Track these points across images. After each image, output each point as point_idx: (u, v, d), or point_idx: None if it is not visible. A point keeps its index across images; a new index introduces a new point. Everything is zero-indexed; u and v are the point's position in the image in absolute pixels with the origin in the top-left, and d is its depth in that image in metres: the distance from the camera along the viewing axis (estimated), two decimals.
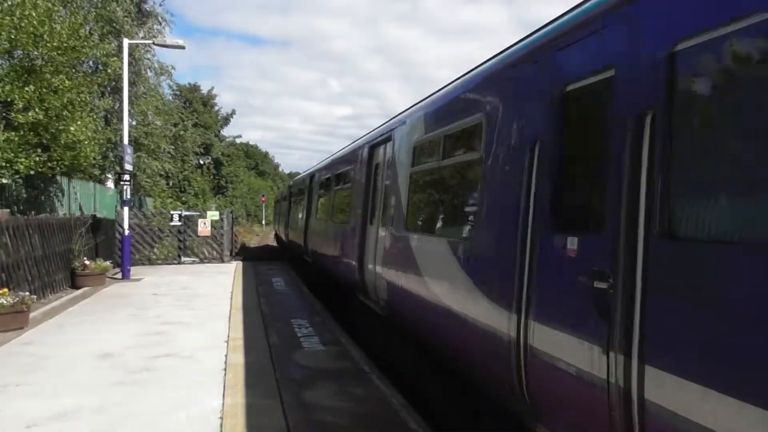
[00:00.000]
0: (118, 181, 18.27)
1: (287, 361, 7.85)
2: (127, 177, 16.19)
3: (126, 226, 16.51)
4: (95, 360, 7.63)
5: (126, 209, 16.62)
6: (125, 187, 16.27)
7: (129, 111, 18.38)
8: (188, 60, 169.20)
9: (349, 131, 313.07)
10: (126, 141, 16.58)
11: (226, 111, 60.11)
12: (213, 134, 56.16)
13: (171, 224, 20.65)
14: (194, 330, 9.64)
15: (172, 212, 21.24)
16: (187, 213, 21.81)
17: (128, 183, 16.26)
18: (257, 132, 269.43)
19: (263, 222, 70.26)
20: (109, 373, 7.03)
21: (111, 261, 17.02)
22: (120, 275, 16.21)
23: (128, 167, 16.26)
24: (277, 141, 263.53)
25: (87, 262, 14.47)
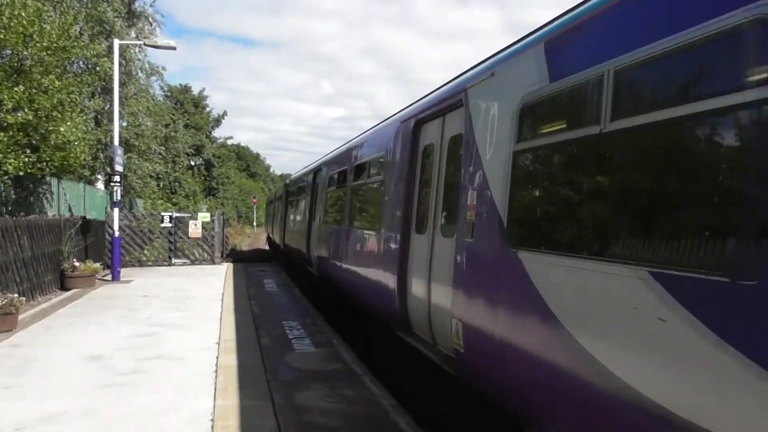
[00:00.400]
0: (109, 182, 18.16)
1: (279, 363, 7.84)
2: (118, 178, 16.14)
3: (116, 228, 16.43)
4: (85, 362, 7.59)
5: (116, 210, 16.54)
6: (116, 188, 16.21)
7: (120, 112, 18.30)
8: (179, 61, 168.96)
9: (341, 132, 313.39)
10: (116, 142, 16.52)
11: (218, 112, 59.97)
12: (204, 135, 55.93)
13: (162, 226, 20.57)
14: (185, 332, 9.61)
15: (163, 214, 21.13)
16: (178, 214, 21.71)
17: (119, 184, 16.20)
18: (248, 133, 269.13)
19: (254, 223, 70.17)
20: (99, 376, 7.00)
21: (101, 262, 16.93)
22: (110, 277, 16.13)
23: (119, 168, 16.20)
24: (269, 142, 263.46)
25: (77, 264, 14.39)
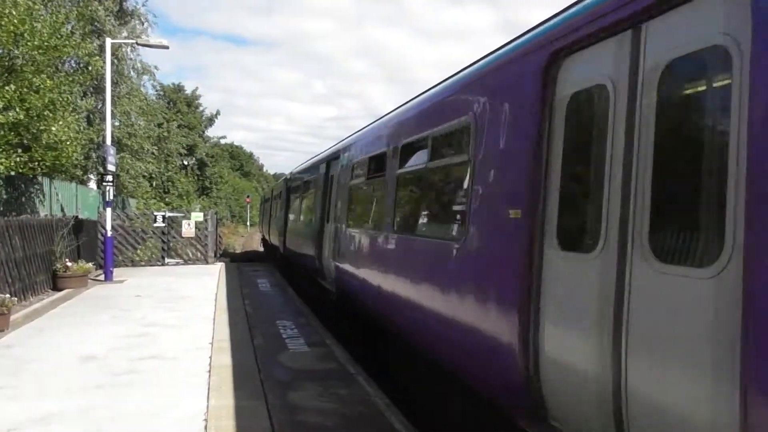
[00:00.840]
0: (101, 182, 18.09)
1: (272, 363, 7.85)
2: (110, 178, 16.07)
3: (109, 228, 16.38)
4: (78, 362, 7.57)
5: (109, 210, 16.48)
6: (108, 188, 16.15)
7: (112, 111, 18.23)
8: (172, 60, 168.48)
9: (334, 132, 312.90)
10: (109, 141, 16.45)
11: (211, 111, 59.79)
12: (197, 135, 55.76)
13: (155, 225, 20.50)
14: (178, 332, 9.59)
15: (156, 213, 21.06)
16: (171, 214, 21.66)
17: (111, 184, 16.13)
18: (242, 133, 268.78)
19: (248, 223, 70.09)
20: (92, 376, 6.98)
21: (93, 262, 16.87)
22: (103, 277, 16.07)
23: (111, 168, 16.14)
24: (262, 142, 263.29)
25: (69, 264, 14.33)
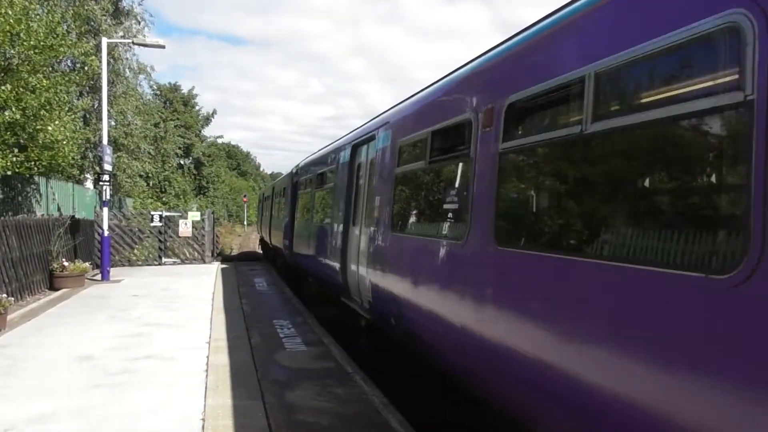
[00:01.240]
0: (98, 182, 18.06)
1: (269, 362, 7.85)
2: (107, 177, 16.05)
3: (105, 227, 16.35)
4: (74, 362, 7.56)
5: (105, 210, 16.45)
6: (105, 188, 16.12)
7: (108, 111, 18.19)
8: (168, 60, 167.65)
9: (331, 131, 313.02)
10: (105, 141, 16.42)
11: (207, 111, 59.70)
12: (194, 134, 55.69)
13: (151, 225, 20.47)
14: (175, 331, 9.59)
15: (153, 213, 21.05)
16: (168, 213, 21.64)
17: (108, 183, 16.11)
18: (238, 132, 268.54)
19: (245, 222, 70.01)
20: (89, 376, 6.97)
21: (90, 262, 16.83)
22: (99, 277, 16.04)
23: (108, 167, 16.11)
24: (259, 141, 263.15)
25: (66, 264, 14.30)
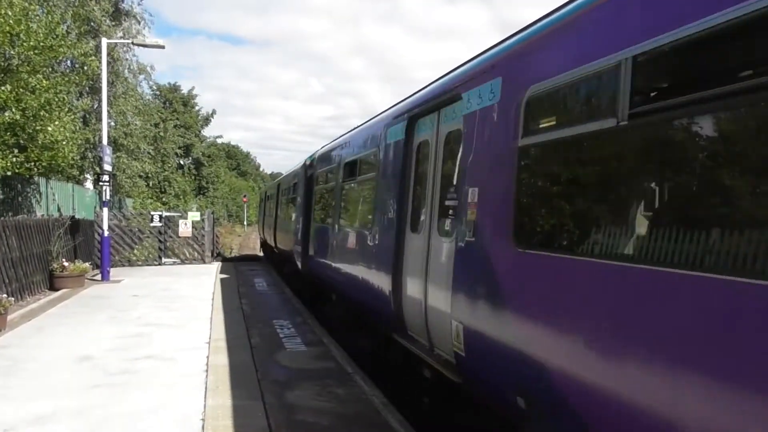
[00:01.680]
0: (97, 182, 18.07)
1: (269, 362, 7.85)
2: (107, 177, 16.05)
3: (105, 227, 16.35)
4: (74, 362, 7.56)
5: (105, 210, 16.45)
6: (104, 188, 16.13)
7: (108, 111, 18.19)
8: (168, 60, 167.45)
9: (331, 131, 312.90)
10: (105, 141, 16.42)
11: (207, 111, 59.71)
12: (194, 134, 55.70)
13: (151, 225, 20.48)
14: (175, 331, 9.59)
15: (153, 213, 21.05)
16: (168, 214, 21.64)
17: (107, 183, 16.12)
18: (238, 132, 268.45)
19: (245, 223, 70.04)
20: (89, 376, 6.97)
21: (90, 262, 16.83)
22: (99, 277, 16.04)
23: (107, 168, 16.11)
24: (259, 141, 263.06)
25: (66, 264, 14.30)
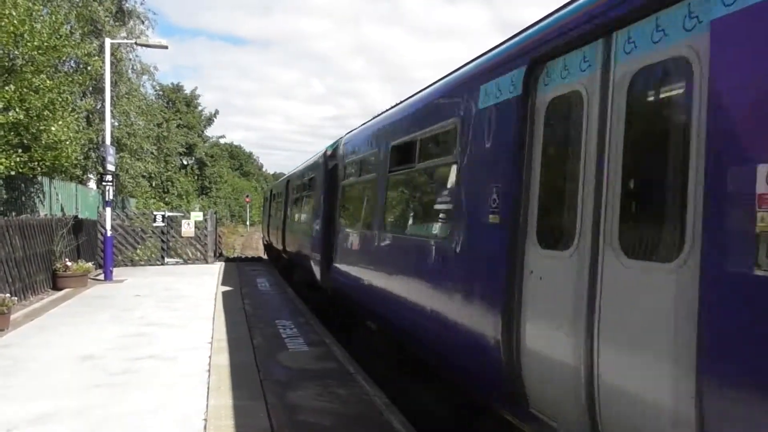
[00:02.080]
0: (101, 182, 18.11)
1: (272, 362, 7.84)
2: (110, 178, 16.07)
3: (108, 227, 16.37)
4: (77, 362, 7.57)
5: (108, 210, 16.48)
6: (108, 188, 16.15)
7: (111, 111, 18.22)
8: (170, 60, 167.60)
9: (332, 131, 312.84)
10: (108, 141, 16.44)
11: (210, 111, 59.85)
12: (196, 135, 55.82)
13: (154, 225, 20.51)
14: (177, 331, 9.59)
15: (155, 213, 21.08)
16: (171, 214, 21.67)
17: (111, 184, 16.13)
18: (239, 132, 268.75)
19: (248, 222, 70.17)
20: (91, 376, 6.98)
21: (93, 262, 16.87)
22: (102, 276, 16.06)
23: (111, 168, 16.13)
24: (260, 141, 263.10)
25: (69, 264, 14.33)
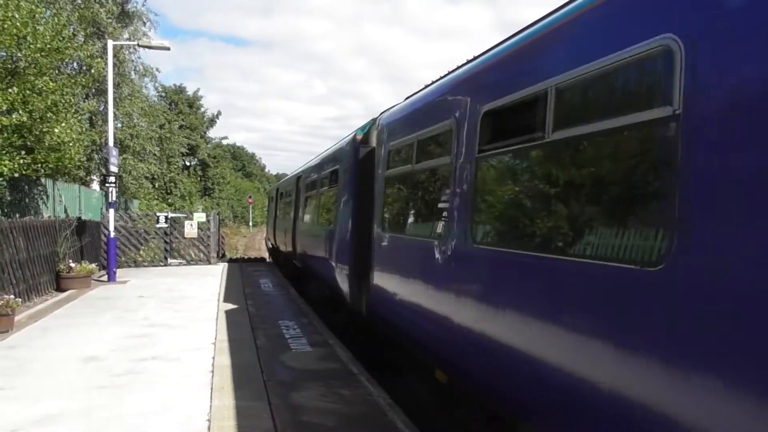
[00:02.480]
0: (104, 183, 18.14)
1: (275, 363, 7.85)
2: (113, 179, 16.12)
3: (111, 228, 16.41)
4: (80, 363, 7.59)
5: (112, 211, 16.52)
6: (111, 189, 16.20)
7: (114, 113, 18.27)
8: (172, 62, 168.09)
9: (334, 132, 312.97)
10: (111, 143, 16.49)
11: (212, 112, 59.94)
12: (199, 136, 55.90)
13: (157, 226, 20.54)
14: (181, 332, 9.61)
15: (158, 214, 21.11)
16: (174, 215, 21.68)
17: (114, 185, 16.19)
18: (241, 133, 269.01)
19: (250, 223, 70.21)
20: (95, 377, 6.99)
21: (96, 263, 16.90)
22: (106, 278, 16.10)
23: (114, 169, 16.18)
24: (263, 142, 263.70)
25: (72, 265, 14.37)
